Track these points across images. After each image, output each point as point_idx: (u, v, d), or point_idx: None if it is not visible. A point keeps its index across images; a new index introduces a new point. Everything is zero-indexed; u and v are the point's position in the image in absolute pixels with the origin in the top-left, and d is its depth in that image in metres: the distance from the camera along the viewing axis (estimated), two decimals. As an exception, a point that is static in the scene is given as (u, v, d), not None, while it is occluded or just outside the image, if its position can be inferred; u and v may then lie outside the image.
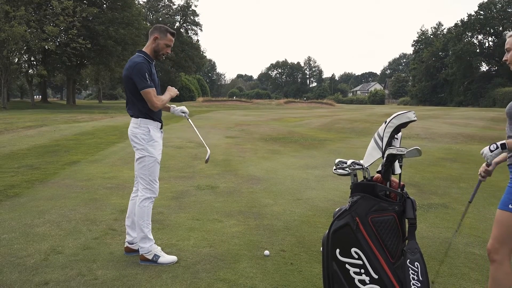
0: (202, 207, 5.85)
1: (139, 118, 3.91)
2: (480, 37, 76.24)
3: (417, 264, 2.69)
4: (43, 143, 12.68)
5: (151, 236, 3.98)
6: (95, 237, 4.57)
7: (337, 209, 2.99)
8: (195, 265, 3.88)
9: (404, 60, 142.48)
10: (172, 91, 4.11)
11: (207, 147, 4.26)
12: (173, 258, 3.96)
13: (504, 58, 2.78)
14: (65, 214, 5.42)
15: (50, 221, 5.10)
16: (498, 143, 2.69)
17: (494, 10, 73.13)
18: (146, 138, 3.90)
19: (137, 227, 3.95)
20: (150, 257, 3.90)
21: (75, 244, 4.36)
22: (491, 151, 2.71)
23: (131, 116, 3.98)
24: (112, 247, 4.30)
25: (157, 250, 3.97)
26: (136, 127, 3.91)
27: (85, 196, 6.36)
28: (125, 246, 4.17)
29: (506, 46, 2.74)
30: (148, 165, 3.91)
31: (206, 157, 4.24)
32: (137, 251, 4.06)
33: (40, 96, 56.61)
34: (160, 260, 3.89)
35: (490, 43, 76.21)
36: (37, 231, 4.73)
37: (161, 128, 4.05)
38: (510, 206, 2.60)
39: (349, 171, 2.98)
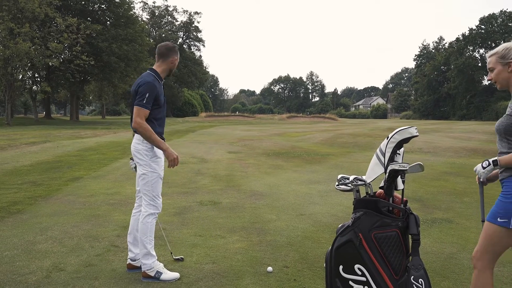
0: (205, 223, 5.83)
1: None
2: (481, 51, 76.63)
3: (421, 281, 2.67)
4: (46, 159, 12.71)
5: (153, 253, 3.96)
6: (98, 254, 4.55)
7: (340, 225, 2.98)
8: (197, 282, 3.85)
9: (406, 75, 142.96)
10: (170, 155, 3.90)
11: None
12: (175, 274, 3.93)
13: (488, 78, 2.82)
14: (67, 230, 5.41)
15: (52, 238, 5.09)
16: (490, 160, 2.68)
17: (495, 24, 73.59)
18: (149, 154, 3.91)
19: (140, 243, 3.93)
20: (152, 274, 3.87)
21: (77, 261, 4.34)
22: (484, 167, 2.72)
23: (135, 132, 4.00)
24: (114, 264, 4.28)
25: (160, 266, 3.94)
26: (139, 143, 3.93)
27: (88, 213, 6.35)
28: (127, 263, 4.14)
29: (489, 66, 2.79)
30: (151, 181, 3.92)
31: None
32: (140, 268, 4.04)
33: (44, 112, 56.95)
34: (163, 277, 3.86)
35: (492, 57, 76.41)
36: (39, 248, 4.72)
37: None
38: (498, 219, 2.60)
39: (352, 187, 2.98)
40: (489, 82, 2.83)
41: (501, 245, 2.65)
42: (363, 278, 2.76)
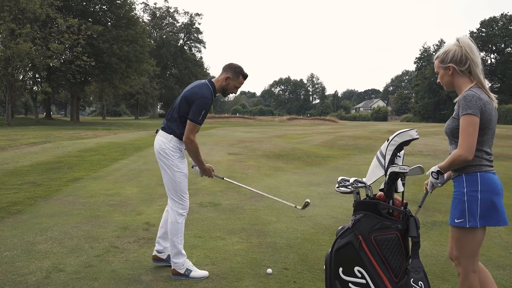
0: (205, 225, 5.83)
1: (171, 135, 3.95)
2: (482, 54, 76.72)
3: (421, 283, 2.67)
4: (46, 160, 12.72)
5: (184, 252, 4.03)
6: (97, 255, 4.55)
7: (340, 227, 2.98)
8: (197, 283, 3.85)
9: (407, 77, 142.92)
10: (207, 172, 4.15)
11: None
12: (204, 273, 3.99)
13: (437, 81, 2.88)
14: (67, 231, 5.41)
15: (52, 238, 5.09)
16: (435, 171, 2.74)
17: (496, 28, 73.68)
18: (175, 154, 3.96)
19: (171, 244, 3.99)
20: (182, 272, 3.94)
21: (77, 261, 4.34)
22: (435, 178, 2.76)
23: (163, 129, 4.02)
24: (114, 265, 4.28)
25: (189, 264, 4.01)
26: (166, 142, 3.95)
27: (88, 213, 6.34)
28: (153, 254, 4.22)
29: (435, 69, 2.85)
30: (179, 180, 3.95)
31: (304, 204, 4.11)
32: (165, 260, 4.18)
33: (44, 113, 56.95)
34: (192, 274, 3.93)
35: (493, 60, 76.62)
36: (39, 249, 4.72)
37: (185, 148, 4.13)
38: (456, 220, 2.63)
39: (352, 189, 2.98)
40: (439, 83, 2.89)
41: (472, 245, 2.64)
42: (363, 281, 2.76)
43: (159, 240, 4.20)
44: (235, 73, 3.99)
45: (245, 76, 4.05)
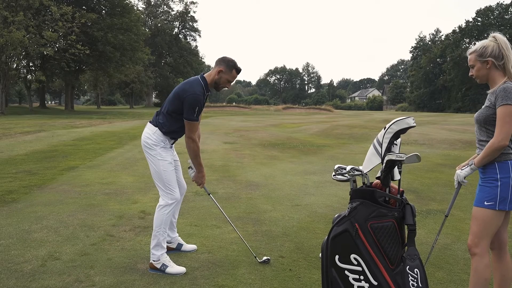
0: (201, 213, 5.83)
1: (156, 128, 3.94)
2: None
3: (416, 271, 2.69)
4: (41, 149, 12.66)
5: (164, 245, 3.97)
6: (93, 243, 4.54)
7: (336, 215, 2.98)
8: (193, 271, 3.86)
9: (402, 67, 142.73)
10: (200, 177, 4.15)
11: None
12: (181, 269, 3.88)
13: (470, 74, 3.04)
14: (62, 220, 5.40)
15: (47, 227, 5.08)
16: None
17: (492, 17, 73.52)
18: (158, 145, 3.94)
19: (153, 234, 3.95)
20: (158, 266, 3.87)
21: (72, 250, 4.33)
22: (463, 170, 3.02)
23: (151, 121, 4.03)
24: (110, 253, 4.28)
25: (166, 259, 3.92)
26: (151, 134, 3.95)
27: (83, 202, 6.33)
28: None
29: (469, 63, 3.00)
30: (162, 169, 3.92)
31: None
32: (175, 249, 4.26)
33: (39, 102, 56.55)
34: (168, 270, 3.85)
35: (488, 49, 76.40)
36: (35, 237, 4.71)
37: (172, 143, 4.10)
38: (485, 203, 2.83)
39: (348, 177, 2.98)
40: (471, 76, 3.04)
41: (493, 226, 2.86)
42: (359, 268, 2.77)
43: (168, 233, 4.18)
44: (228, 67, 3.93)
45: (238, 70, 4.00)
